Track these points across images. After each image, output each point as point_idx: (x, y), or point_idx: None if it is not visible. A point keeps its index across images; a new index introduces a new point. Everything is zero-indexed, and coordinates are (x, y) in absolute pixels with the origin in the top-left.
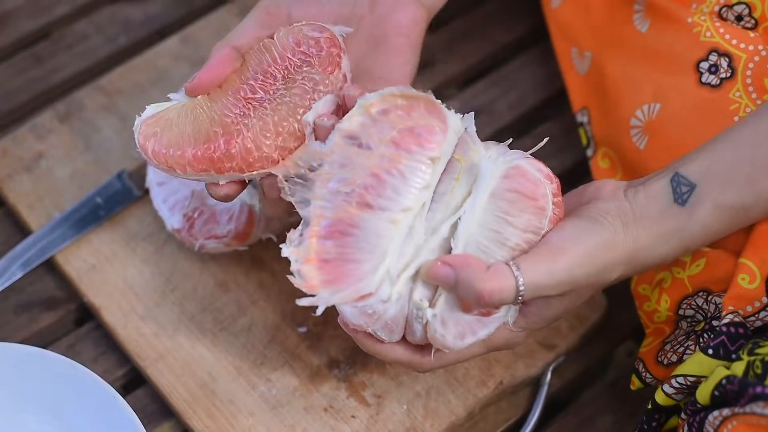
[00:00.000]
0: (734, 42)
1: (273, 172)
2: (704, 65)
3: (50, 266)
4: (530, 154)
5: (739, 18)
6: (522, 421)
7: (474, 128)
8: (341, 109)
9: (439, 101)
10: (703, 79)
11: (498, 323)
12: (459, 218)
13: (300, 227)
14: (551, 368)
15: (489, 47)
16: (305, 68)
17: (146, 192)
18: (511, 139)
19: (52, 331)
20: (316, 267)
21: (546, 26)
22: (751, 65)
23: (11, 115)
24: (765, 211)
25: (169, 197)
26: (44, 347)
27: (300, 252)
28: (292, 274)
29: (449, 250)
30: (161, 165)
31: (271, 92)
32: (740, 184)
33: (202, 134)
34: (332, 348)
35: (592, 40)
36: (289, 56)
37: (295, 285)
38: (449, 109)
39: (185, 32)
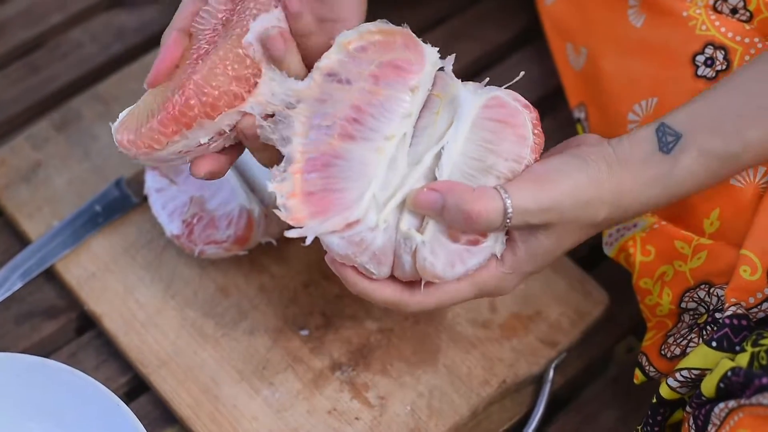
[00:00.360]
0: (730, 35)
1: (248, 111)
2: (700, 58)
3: (50, 275)
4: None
5: (734, 11)
6: (526, 418)
7: (451, 68)
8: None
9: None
10: (699, 72)
11: (486, 253)
12: (442, 148)
13: (283, 164)
14: (554, 365)
15: (484, 46)
16: (238, 7)
17: (145, 199)
18: (488, 78)
19: (54, 340)
20: (301, 201)
21: (540, 24)
22: (747, 57)
23: (8, 125)
24: (752, 160)
25: (168, 203)
26: (46, 356)
27: (284, 187)
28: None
29: (434, 180)
30: (141, 150)
31: (215, 42)
32: (727, 133)
33: (162, 102)
34: (334, 350)
35: (587, 36)
36: (223, 7)
37: (282, 219)
38: (425, 42)
39: None
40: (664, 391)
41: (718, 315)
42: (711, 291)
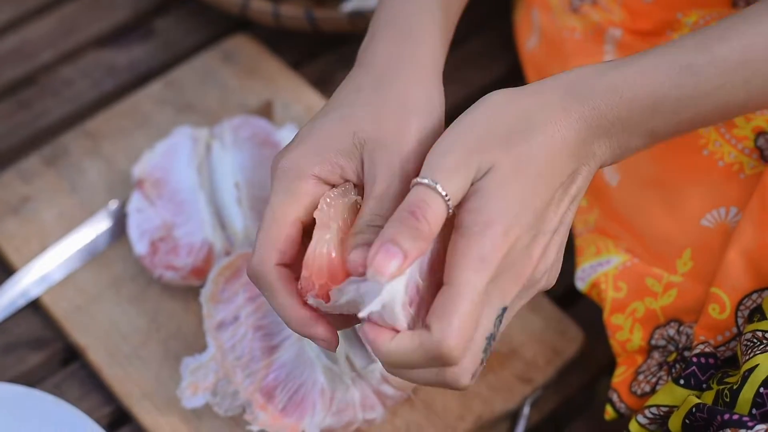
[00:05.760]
0: None
1: None
2: None
3: (36, 307)
4: None
5: None
6: None
7: None
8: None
9: None
10: None
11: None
12: None
13: (246, 410)
14: (529, 401)
15: (468, 89)
16: None
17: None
18: None
19: (40, 371)
20: (281, 421)
21: (521, 66)
22: None
23: None
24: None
25: (142, 224)
26: (32, 387)
27: (263, 422)
28: None
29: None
30: None
31: None
32: None
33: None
34: None
35: None
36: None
37: None
38: None
39: (169, 77)
40: (634, 428)
41: (686, 353)
42: (680, 329)
